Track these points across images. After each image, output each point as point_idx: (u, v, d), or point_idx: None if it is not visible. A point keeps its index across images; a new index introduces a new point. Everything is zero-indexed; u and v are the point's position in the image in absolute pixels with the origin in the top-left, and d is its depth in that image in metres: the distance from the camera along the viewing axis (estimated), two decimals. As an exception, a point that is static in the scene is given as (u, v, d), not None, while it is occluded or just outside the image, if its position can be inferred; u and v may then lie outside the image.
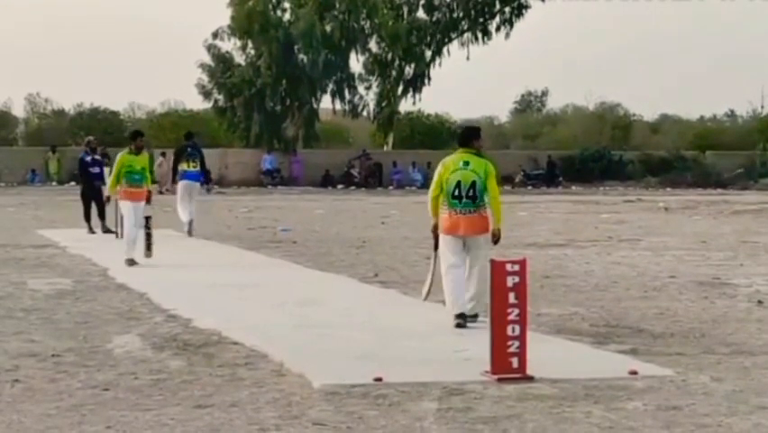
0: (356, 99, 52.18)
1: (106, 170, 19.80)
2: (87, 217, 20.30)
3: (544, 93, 76.28)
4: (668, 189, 46.77)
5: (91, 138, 22.66)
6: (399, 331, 9.33)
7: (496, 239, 9.77)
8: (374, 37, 51.60)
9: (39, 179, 45.00)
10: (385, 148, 51.92)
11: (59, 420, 6.26)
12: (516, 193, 44.15)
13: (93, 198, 20.14)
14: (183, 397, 6.85)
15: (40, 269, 14.26)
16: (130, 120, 59.80)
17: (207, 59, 51.21)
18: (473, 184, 9.64)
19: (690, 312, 10.73)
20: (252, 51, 50.94)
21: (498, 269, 7.47)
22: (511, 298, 7.41)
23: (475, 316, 9.61)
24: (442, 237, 9.80)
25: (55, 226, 21.71)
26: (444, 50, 52.30)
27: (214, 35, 50.78)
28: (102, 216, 19.91)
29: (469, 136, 9.90)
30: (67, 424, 6.19)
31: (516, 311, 7.40)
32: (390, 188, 47.79)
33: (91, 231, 19.88)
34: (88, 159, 20.94)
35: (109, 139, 56.75)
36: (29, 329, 9.40)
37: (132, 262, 14.39)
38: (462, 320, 9.48)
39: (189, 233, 19.24)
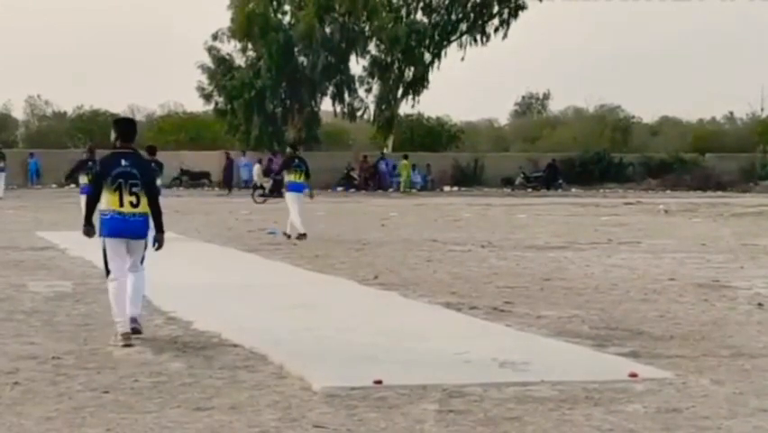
0: (356, 102, 52.26)
1: None
2: None
3: (546, 96, 76.39)
4: (668, 192, 46.78)
5: None
6: (399, 333, 9.32)
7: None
8: (374, 39, 51.65)
9: None
10: (385, 150, 51.96)
11: (59, 423, 6.26)
12: (515, 195, 44.20)
13: None
14: (183, 399, 6.85)
15: (40, 271, 14.26)
16: (130, 122, 59.71)
17: (207, 61, 51.30)
18: None
19: (690, 315, 10.73)
20: (252, 54, 51.00)
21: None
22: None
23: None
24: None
25: (55, 229, 21.69)
26: (443, 52, 52.38)
27: (215, 37, 50.87)
28: None
29: None
30: (67, 426, 6.18)
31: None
32: (390, 190, 47.77)
33: None
34: None
35: (108, 141, 56.58)
36: (29, 332, 9.40)
37: None
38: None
39: None
